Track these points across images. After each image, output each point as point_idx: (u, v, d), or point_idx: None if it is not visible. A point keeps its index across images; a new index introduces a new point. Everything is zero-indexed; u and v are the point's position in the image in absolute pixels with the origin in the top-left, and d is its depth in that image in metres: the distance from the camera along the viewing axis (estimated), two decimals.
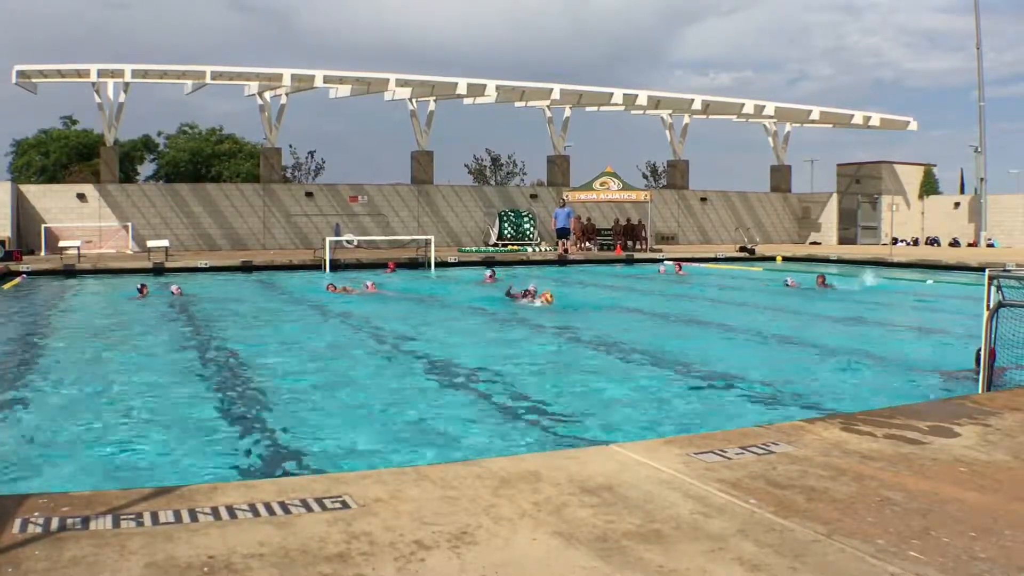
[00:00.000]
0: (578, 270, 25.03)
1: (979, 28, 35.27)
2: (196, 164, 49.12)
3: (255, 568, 2.85)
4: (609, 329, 12.51)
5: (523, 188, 39.14)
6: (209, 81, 29.58)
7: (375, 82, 31.11)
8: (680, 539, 3.14)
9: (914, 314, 15.76)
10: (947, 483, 3.81)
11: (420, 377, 8.86)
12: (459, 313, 14.94)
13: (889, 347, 11.01)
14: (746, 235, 35.28)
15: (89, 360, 9.88)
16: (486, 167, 56.27)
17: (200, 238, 30.04)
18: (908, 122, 38.34)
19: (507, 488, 3.70)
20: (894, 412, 5.27)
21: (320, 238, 27.04)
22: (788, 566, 2.91)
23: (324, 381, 8.51)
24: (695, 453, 4.25)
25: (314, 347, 10.66)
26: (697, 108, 35.83)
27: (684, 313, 14.86)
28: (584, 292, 18.63)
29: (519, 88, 33.39)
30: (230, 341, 11.21)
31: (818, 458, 4.18)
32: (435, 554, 2.99)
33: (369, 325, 12.87)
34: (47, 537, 3.07)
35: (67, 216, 28.08)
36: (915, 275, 22.32)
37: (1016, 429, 4.77)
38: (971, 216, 36.22)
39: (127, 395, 7.83)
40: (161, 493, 3.61)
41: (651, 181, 54.51)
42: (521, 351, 10.54)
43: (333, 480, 3.99)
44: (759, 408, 7.39)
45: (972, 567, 2.90)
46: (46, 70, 27.55)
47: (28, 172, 46.78)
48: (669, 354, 10.27)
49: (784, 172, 39.93)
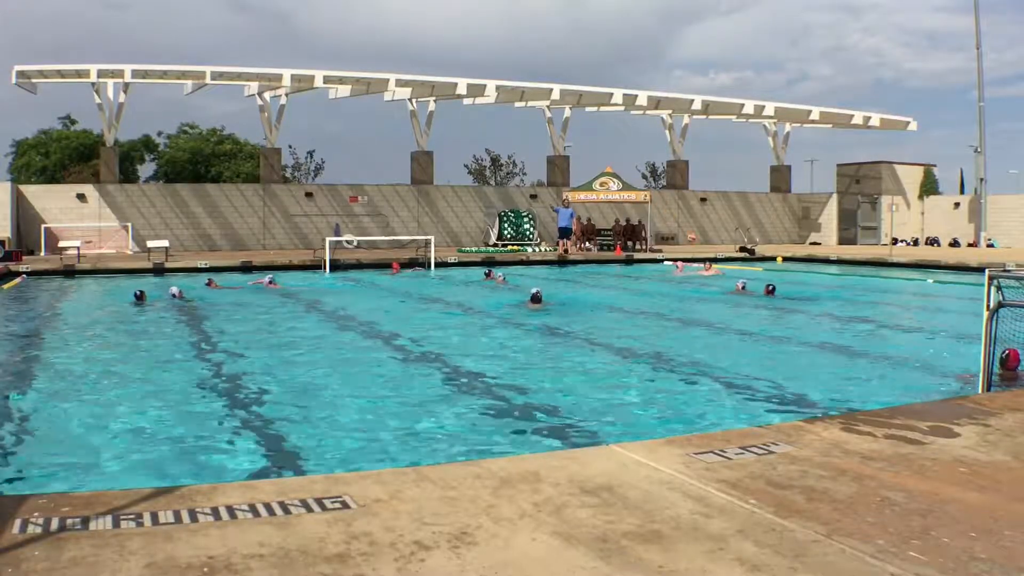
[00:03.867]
0: (578, 270, 25.04)
1: (979, 28, 35.33)
2: (196, 164, 49.14)
3: (255, 568, 2.85)
4: (609, 329, 12.51)
5: (523, 188, 39.14)
6: (209, 81, 29.58)
7: (375, 82, 31.10)
8: (680, 539, 3.14)
9: (904, 314, 15.75)
10: (947, 483, 3.81)
11: (418, 378, 8.87)
12: (443, 311, 14.95)
13: (878, 347, 11.01)
14: (746, 235, 35.27)
15: (82, 360, 9.88)
16: (486, 167, 56.35)
17: (200, 238, 30.04)
18: (908, 122, 38.33)
19: (507, 488, 3.70)
20: (894, 412, 5.27)
21: (320, 238, 27.03)
22: (788, 566, 2.91)
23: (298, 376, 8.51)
24: (695, 453, 4.25)
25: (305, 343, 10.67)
26: (697, 108, 35.83)
27: (684, 313, 14.86)
28: (585, 292, 18.62)
29: (519, 88, 33.38)
30: (233, 342, 11.21)
31: (818, 458, 4.18)
32: (435, 554, 2.98)
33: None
34: (47, 537, 3.07)
35: (67, 216, 28.07)
36: (915, 275, 22.32)
37: (1016, 429, 4.77)
38: (971, 216, 36.22)
39: (114, 397, 7.83)
40: (161, 493, 3.60)
41: (651, 181, 54.55)
42: (522, 351, 10.54)
43: (333, 480, 3.99)
44: (759, 408, 7.39)
45: (972, 567, 2.90)
46: (46, 70, 27.55)
47: (28, 172, 46.80)
48: (669, 354, 10.26)
49: (784, 172, 39.92)
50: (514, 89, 33.27)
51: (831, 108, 37.95)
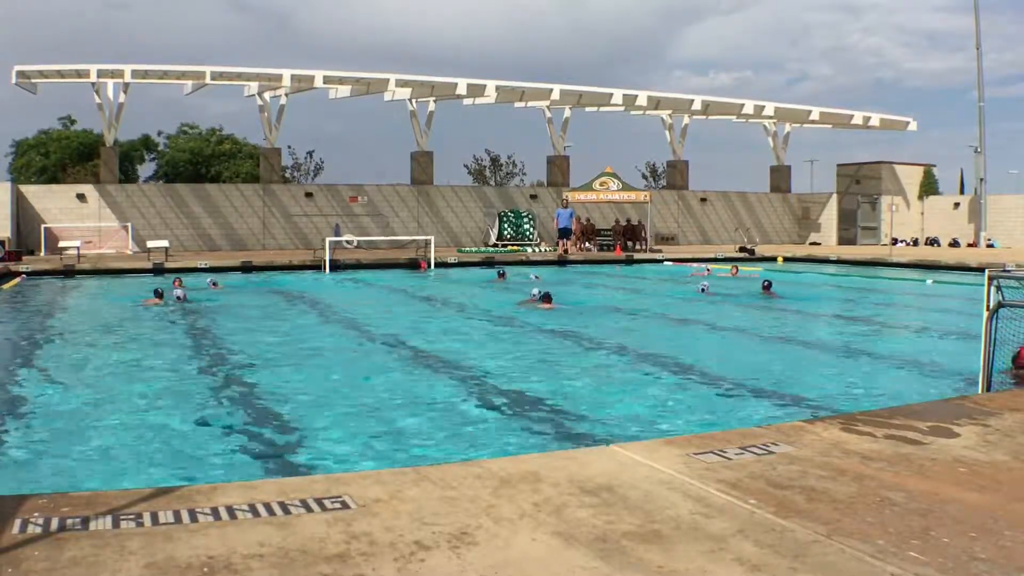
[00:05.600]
0: (578, 270, 25.03)
1: (979, 28, 35.34)
2: (196, 164, 49.13)
3: (255, 568, 2.85)
4: (609, 329, 12.51)
5: (523, 188, 39.13)
6: (209, 81, 29.58)
7: (375, 82, 31.11)
8: (680, 539, 3.14)
9: (904, 314, 15.75)
10: (947, 483, 3.81)
11: (414, 373, 8.87)
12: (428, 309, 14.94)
13: (877, 347, 11.01)
14: (746, 235, 35.26)
15: (81, 360, 9.88)
16: (486, 167, 56.27)
17: (200, 238, 30.04)
18: (908, 122, 38.34)
19: (507, 488, 3.70)
20: (894, 412, 5.27)
21: (320, 238, 27.04)
22: (788, 566, 2.91)
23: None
24: (695, 453, 4.25)
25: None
26: (697, 108, 35.83)
27: (683, 313, 14.86)
28: (585, 292, 18.62)
29: (519, 88, 33.38)
30: (233, 342, 11.21)
31: (818, 458, 4.18)
32: (435, 554, 2.98)
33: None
34: (47, 537, 3.07)
35: (67, 216, 28.06)
36: (915, 275, 22.32)
37: (1016, 429, 4.77)
38: (971, 216, 36.22)
39: (107, 397, 7.84)
40: (161, 493, 3.60)
41: (651, 181, 54.49)
42: (522, 351, 10.54)
43: (333, 480, 3.98)
44: (759, 408, 7.38)
45: (972, 567, 2.90)
46: (46, 70, 27.55)
47: (28, 172, 46.78)
48: (669, 354, 10.26)
49: (784, 172, 39.93)
50: (514, 89, 33.27)
51: (831, 108, 37.97)
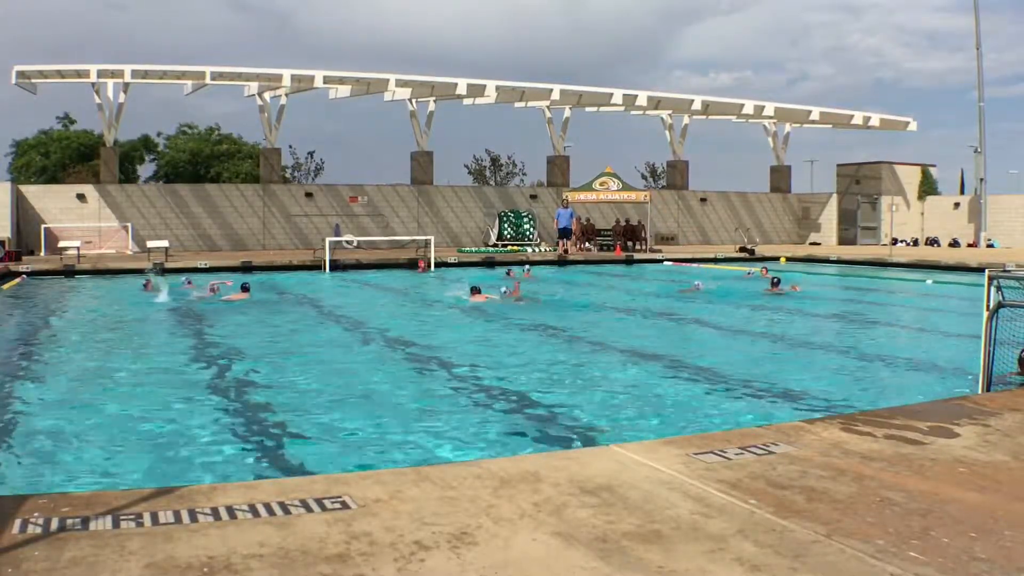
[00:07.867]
0: (578, 270, 25.04)
1: (979, 28, 35.31)
2: (196, 164, 49.08)
3: (255, 568, 2.85)
4: (609, 329, 12.51)
5: (523, 188, 39.13)
6: (209, 81, 29.57)
7: (375, 82, 31.11)
8: (680, 539, 3.14)
9: (904, 314, 15.75)
10: (947, 483, 3.81)
11: (414, 373, 8.87)
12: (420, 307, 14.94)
13: (877, 347, 11.01)
14: (746, 235, 35.26)
15: (81, 360, 9.88)
16: (486, 167, 56.31)
17: (200, 238, 30.04)
18: (908, 122, 38.35)
19: (507, 488, 3.70)
20: (894, 412, 5.27)
21: (320, 238, 27.04)
22: (788, 566, 2.91)
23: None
24: (695, 453, 4.25)
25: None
26: (697, 108, 35.83)
27: (683, 313, 14.85)
28: (586, 292, 18.62)
29: (519, 88, 33.38)
30: (233, 342, 11.21)
31: (818, 458, 4.18)
32: (435, 554, 2.98)
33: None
34: (47, 537, 3.07)
35: (67, 216, 28.06)
36: (915, 275, 22.32)
37: (1016, 429, 4.77)
38: (971, 216, 36.23)
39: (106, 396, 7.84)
40: (161, 494, 3.60)
41: (651, 181, 54.52)
42: (522, 351, 10.53)
43: (333, 480, 3.98)
44: (759, 408, 7.38)
45: (972, 567, 2.90)
46: (46, 70, 27.56)
47: (28, 172, 46.73)
48: (669, 354, 10.26)
49: (784, 172, 39.93)
50: (514, 89, 33.27)
51: (831, 108, 38.00)
